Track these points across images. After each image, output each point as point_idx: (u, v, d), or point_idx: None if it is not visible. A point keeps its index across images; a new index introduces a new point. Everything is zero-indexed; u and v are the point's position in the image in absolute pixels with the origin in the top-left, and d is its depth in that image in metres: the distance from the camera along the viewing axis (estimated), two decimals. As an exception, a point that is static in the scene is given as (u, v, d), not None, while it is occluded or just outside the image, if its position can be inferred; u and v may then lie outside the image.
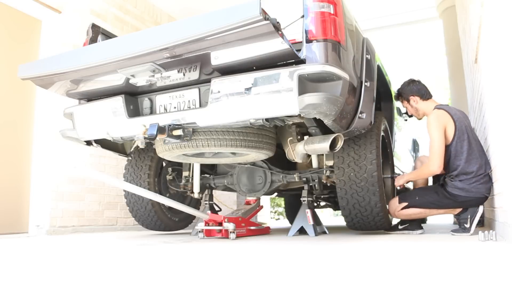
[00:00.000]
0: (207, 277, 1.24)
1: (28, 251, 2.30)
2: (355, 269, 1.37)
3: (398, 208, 3.04)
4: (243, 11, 1.85)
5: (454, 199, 2.89)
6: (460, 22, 5.09)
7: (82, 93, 2.71)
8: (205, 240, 2.93)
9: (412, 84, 3.26)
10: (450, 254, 1.74)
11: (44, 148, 4.10)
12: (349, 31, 2.53)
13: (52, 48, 4.23)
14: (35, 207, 3.99)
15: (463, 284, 1.05)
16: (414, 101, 3.23)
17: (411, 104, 3.26)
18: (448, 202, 2.93)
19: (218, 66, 2.25)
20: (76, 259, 1.87)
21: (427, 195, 3.01)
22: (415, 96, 3.22)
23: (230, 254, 1.91)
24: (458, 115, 3.01)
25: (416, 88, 3.23)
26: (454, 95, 6.06)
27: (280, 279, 1.19)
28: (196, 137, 2.62)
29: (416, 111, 3.27)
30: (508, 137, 2.00)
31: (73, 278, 1.29)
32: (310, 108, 2.08)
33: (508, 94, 1.90)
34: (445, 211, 3.05)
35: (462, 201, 2.88)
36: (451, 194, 2.90)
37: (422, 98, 3.21)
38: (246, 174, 3.45)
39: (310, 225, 3.03)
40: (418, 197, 3.03)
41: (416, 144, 6.10)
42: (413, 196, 3.06)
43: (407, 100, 3.27)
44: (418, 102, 3.22)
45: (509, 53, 1.82)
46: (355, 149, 2.81)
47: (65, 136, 2.90)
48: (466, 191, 2.84)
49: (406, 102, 3.29)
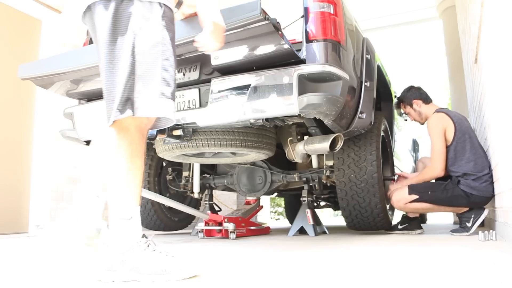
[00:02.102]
0: (207, 277, 1.24)
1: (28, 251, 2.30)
2: (355, 269, 1.37)
3: (407, 200, 2.97)
4: (243, 11, 1.85)
5: (468, 198, 2.86)
6: (460, 22, 5.09)
7: (82, 93, 2.71)
8: (205, 240, 2.93)
9: (414, 89, 3.34)
10: (450, 254, 1.74)
11: (44, 148, 4.10)
12: (349, 31, 2.53)
13: (52, 48, 4.23)
14: (35, 207, 3.99)
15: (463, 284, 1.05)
16: (417, 105, 3.26)
17: (414, 108, 3.29)
18: (462, 201, 2.89)
19: (218, 66, 2.25)
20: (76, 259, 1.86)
21: (440, 191, 2.94)
22: (418, 99, 3.26)
23: (230, 254, 1.91)
24: (458, 117, 3.05)
25: (418, 93, 3.30)
26: (454, 95, 6.06)
27: (280, 279, 1.19)
28: (196, 137, 2.62)
29: (419, 115, 3.29)
30: (508, 137, 2.00)
31: (73, 278, 1.29)
32: (310, 108, 2.07)
33: (508, 94, 1.90)
34: (452, 209, 3.05)
35: (474, 201, 2.86)
36: (466, 193, 2.86)
37: (424, 102, 3.26)
38: (246, 174, 3.45)
39: (310, 225, 3.03)
40: (431, 192, 2.96)
41: (416, 144, 6.10)
42: (425, 190, 2.98)
43: (410, 104, 3.30)
44: (421, 105, 3.26)
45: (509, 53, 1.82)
46: (355, 150, 2.81)
47: (65, 136, 2.90)
48: (479, 190, 2.83)
49: (409, 107, 3.31)
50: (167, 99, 1.28)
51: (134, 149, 1.26)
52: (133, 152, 1.26)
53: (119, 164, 1.25)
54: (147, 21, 1.28)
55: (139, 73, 1.24)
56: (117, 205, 1.24)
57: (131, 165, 1.25)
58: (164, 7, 1.32)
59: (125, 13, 1.26)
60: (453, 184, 2.94)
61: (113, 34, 1.25)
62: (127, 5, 1.27)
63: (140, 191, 1.28)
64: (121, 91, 1.23)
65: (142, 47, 1.26)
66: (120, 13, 1.26)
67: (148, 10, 1.28)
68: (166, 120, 1.38)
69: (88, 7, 1.34)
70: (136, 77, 1.24)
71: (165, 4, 1.33)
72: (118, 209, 1.23)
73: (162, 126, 1.41)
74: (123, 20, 1.26)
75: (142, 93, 1.24)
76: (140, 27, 1.26)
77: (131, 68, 1.24)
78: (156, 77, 1.27)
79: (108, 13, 1.26)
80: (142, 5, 1.28)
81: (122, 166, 1.25)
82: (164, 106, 1.28)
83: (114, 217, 1.23)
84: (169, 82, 1.30)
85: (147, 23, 1.27)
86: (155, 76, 1.27)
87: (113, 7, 1.26)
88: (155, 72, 1.27)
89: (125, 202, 1.24)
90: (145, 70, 1.25)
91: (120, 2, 1.27)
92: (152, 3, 1.29)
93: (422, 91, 3.31)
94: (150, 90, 1.26)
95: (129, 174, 1.25)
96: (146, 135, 1.33)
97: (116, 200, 1.24)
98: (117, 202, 1.24)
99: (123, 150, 1.25)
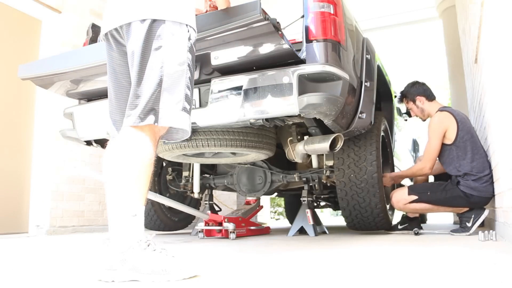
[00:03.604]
0: (207, 277, 1.24)
1: (28, 251, 2.30)
2: (355, 269, 1.37)
3: (406, 200, 2.98)
4: (243, 11, 1.85)
5: (467, 199, 2.86)
6: (460, 22, 5.09)
7: (82, 93, 2.71)
8: (205, 240, 2.93)
9: (418, 85, 3.29)
10: (450, 254, 1.74)
11: (44, 148, 4.10)
12: (349, 31, 2.52)
13: (52, 48, 4.23)
14: (35, 207, 3.99)
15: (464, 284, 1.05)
16: (420, 101, 3.23)
17: (417, 105, 3.25)
18: (461, 202, 2.89)
19: (218, 66, 2.25)
20: (76, 259, 1.87)
21: (439, 192, 2.94)
22: (421, 96, 3.23)
23: (230, 254, 1.91)
24: (461, 116, 3.03)
25: (422, 89, 3.26)
26: (454, 95, 6.06)
27: (280, 279, 1.19)
28: (196, 137, 2.62)
29: (421, 112, 3.25)
30: (508, 137, 2.00)
31: (73, 277, 1.29)
32: (310, 108, 2.07)
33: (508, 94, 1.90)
34: (452, 209, 3.05)
35: (474, 201, 2.86)
36: (465, 193, 2.85)
37: (427, 99, 3.23)
38: (246, 174, 3.45)
39: (310, 225, 3.03)
40: (430, 192, 2.96)
41: (416, 144, 6.11)
42: (425, 190, 2.99)
43: (413, 100, 3.26)
44: (424, 102, 3.22)
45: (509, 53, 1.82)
46: (355, 151, 2.81)
47: (65, 136, 2.90)
48: (479, 190, 2.82)
49: (412, 103, 3.28)
50: (186, 114, 1.39)
51: (146, 151, 1.32)
52: (144, 154, 1.31)
53: (130, 164, 1.29)
54: (177, 41, 1.38)
55: (166, 87, 1.34)
56: (123, 202, 1.26)
57: (141, 167, 1.30)
58: (191, 29, 1.44)
59: (157, 31, 1.37)
60: (452, 185, 2.93)
61: (145, 48, 1.35)
62: (159, 24, 1.37)
63: (146, 192, 1.33)
64: (146, 100, 1.32)
65: (170, 63, 1.36)
66: (153, 31, 1.36)
67: (177, 31, 1.39)
68: (183, 133, 1.48)
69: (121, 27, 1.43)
70: (163, 89, 1.34)
71: (191, 26, 1.45)
72: (124, 206, 1.26)
73: (179, 139, 1.51)
74: (155, 37, 1.36)
75: (166, 104, 1.33)
76: (170, 45, 1.37)
77: (159, 81, 1.33)
78: (181, 92, 1.37)
79: (143, 29, 1.36)
80: (173, 25, 1.39)
81: (132, 166, 1.29)
82: (185, 119, 1.38)
83: (118, 214, 1.24)
84: (190, 100, 1.41)
85: (176, 42, 1.38)
86: (180, 92, 1.37)
87: (147, 24, 1.36)
88: (180, 88, 1.37)
89: (132, 199, 1.27)
90: (171, 84, 1.35)
91: (153, 21, 1.37)
92: (182, 24, 1.41)
93: (426, 87, 3.27)
94: (174, 103, 1.35)
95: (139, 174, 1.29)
96: (158, 142, 1.40)
97: (122, 198, 1.27)
98: (123, 199, 1.27)
99: (135, 152, 1.31)
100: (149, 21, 1.36)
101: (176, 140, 1.51)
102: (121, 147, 1.33)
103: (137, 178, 1.29)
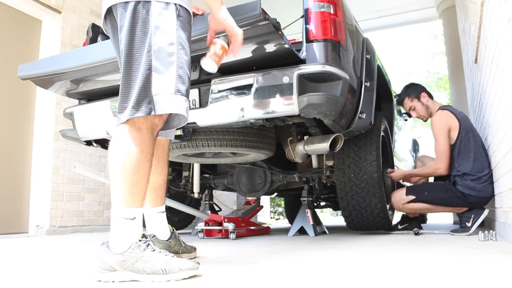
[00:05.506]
0: (207, 277, 1.24)
1: (28, 251, 2.30)
2: (355, 269, 1.37)
3: (404, 200, 2.98)
4: (243, 11, 1.85)
5: (465, 198, 2.85)
6: (460, 22, 5.09)
7: (82, 93, 2.71)
8: (205, 240, 2.93)
9: (415, 84, 3.31)
10: (450, 254, 1.74)
11: (44, 148, 4.10)
12: (349, 31, 2.52)
13: (52, 48, 4.23)
14: (35, 207, 3.99)
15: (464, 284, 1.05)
16: (424, 98, 3.20)
17: (421, 102, 3.21)
18: (458, 201, 2.88)
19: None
20: (75, 259, 1.87)
21: (436, 192, 2.94)
22: (425, 92, 3.23)
23: (230, 254, 1.91)
24: (462, 115, 3.02)
25: (421, 87, 3.26)
26: (454, 95, 6.06)
27: (279, 279, 1.19)
28: (196, 137, 2.62)
29: (426, 109, 3.20)
30: (508, 137, 2.00)
31: (73, 278, 1.29)
32: (310, 108, 2.07)
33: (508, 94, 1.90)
34: (451, 209, 3.04)
35: (472, 201, 2.85)
36: (463, 193, 2.85)
37: (429, 97, 3.23)
38: (246, 174, 3.45)
39: (310, 225, 3.03)
40: (427, 192, 2.96)
41: (416, 144, 6.11)
42: (422, 191, 2.99)
43: (417, 98, 3.21)
44: (428, 100, 3.21)
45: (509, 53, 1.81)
46: (355, 151, 2.81)
47: (65, 136, 2.90)
48: (477, 190, 2.82)
49: (417, 100, 3.22)
50: (181, 96, 1.31)
51: (144, 150, 1.27)
52: (143, 153, 1.27)
53: (128, 163, 1.25)
54: (163, 21, 1.32)
55: (156, 72, 1.28)
56: (121, 204, 1.24)
57: (139, 166, 1.26)
58: (180, 7, 1.37)
59: (142, 13, 1.31)
60: (450, 185, 2.94)
61: (131, 33, 1.30)
62: (144, 5, 1.31)
63: (145, 193, 1.29)
64: (137, 90, 1.26)
65: (158, 46, 1.29)
66: (138, 13, 1.31)
67: (164, 10, 1.33)
68: (179, 119, 1.40)
69: (109, 10, 1.39)
70: (152, 74, 1.27)
71: (180, 5, 1.37)
72: (122, 208, 1.24)
73: (175, 126, 1.44)
74: (141, 20, 1.31)
75: (159, 90, 1.27)
76: (156, 26, 1.30)
77: (147, 66, 1.27)
78: (172, 74, 1.30)
79: (127, 13, 1.31)
80: (158, 5, 1.32)
81: (130, 166, 1.25)
82: (179, 103, 1.30)
83: (116, 216, 1.24)
84: (184, 80, 1.33)
85: (163, 23, 1.31)
86: (171, 74, 1.29)
87: (131, 7, 1.31)
88: (171, 70, 1.30)
89: (130, 202, 1.24)
90: (161, 67, 1.28)
91: (137, 3, 1.31)
92: (168, 4, 1.34)
93: (423, 87, 3.29)
94: (165, 87, 1.28)
95: (137, 175, 1.25)
96: (156, 136, 1.34)
97: (121, 200, 1.24)
98: (121, 202, 1.24)
99: (132, 150, 1.26)
100: (132, 4, 1.31)
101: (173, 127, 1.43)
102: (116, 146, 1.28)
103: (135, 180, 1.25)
